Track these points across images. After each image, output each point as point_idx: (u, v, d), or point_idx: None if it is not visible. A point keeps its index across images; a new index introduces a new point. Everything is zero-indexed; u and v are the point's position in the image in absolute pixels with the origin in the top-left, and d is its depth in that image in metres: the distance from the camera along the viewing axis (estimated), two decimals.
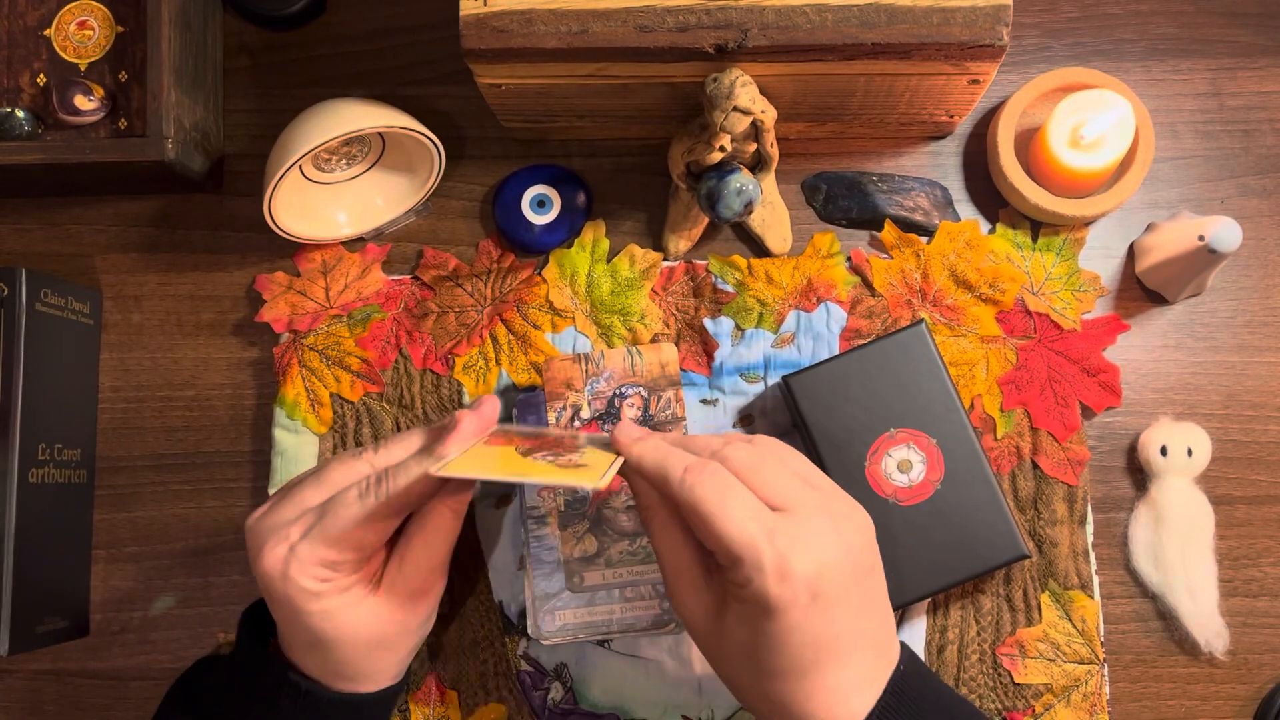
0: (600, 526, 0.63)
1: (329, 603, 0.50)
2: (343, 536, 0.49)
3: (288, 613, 0.50)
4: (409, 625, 0.53)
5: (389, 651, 0.53)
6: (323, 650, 0.51)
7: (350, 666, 0.52)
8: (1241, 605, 0.65)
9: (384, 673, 0.54)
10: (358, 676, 0.53)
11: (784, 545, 0.45)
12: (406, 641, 0.54)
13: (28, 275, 0.63)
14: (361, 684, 0.53)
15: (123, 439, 0.69)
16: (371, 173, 0.68)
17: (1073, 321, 0.66)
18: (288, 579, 0.49)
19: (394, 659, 0.54)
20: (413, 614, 0.53)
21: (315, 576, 0.49)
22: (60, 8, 0.67)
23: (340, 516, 0.49)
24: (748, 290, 0.67)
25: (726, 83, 0.56)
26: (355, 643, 0.51)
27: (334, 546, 0.49)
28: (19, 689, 0.67)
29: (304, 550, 0.49)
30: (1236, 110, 0.69)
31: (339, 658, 0.51)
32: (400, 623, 0.52)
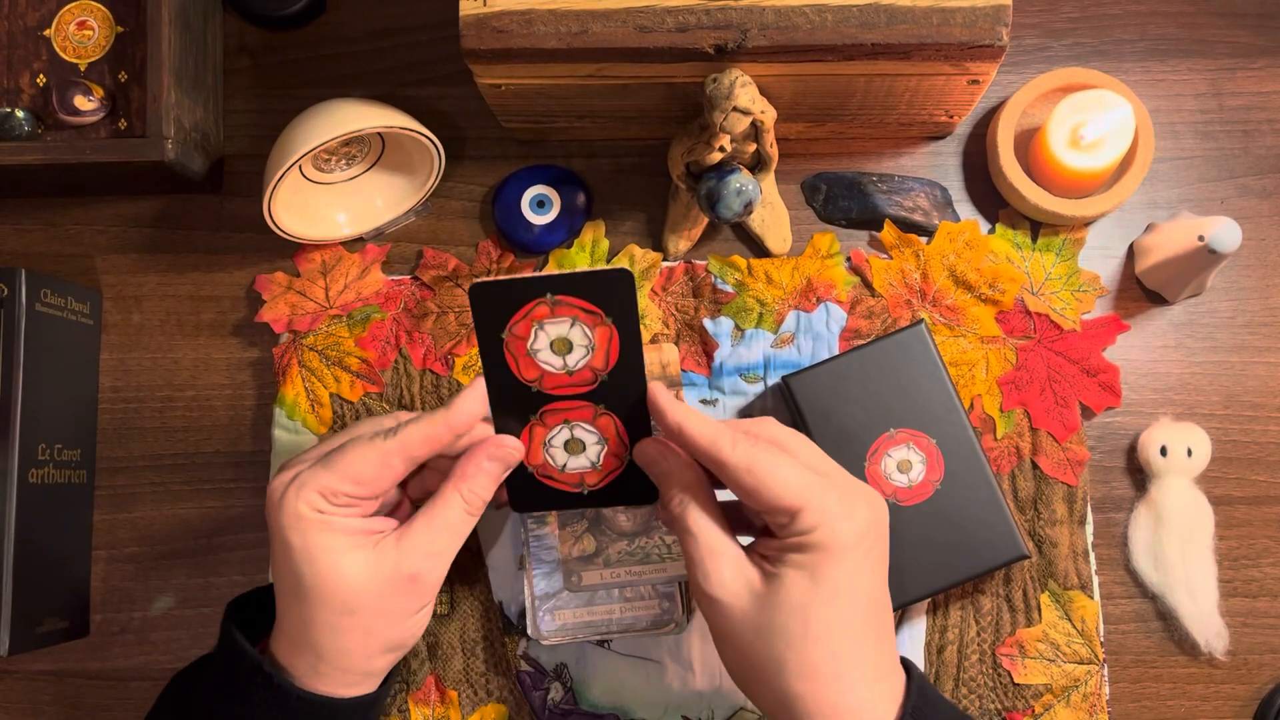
0: (599, 526, 0.63)
1: (313, 538, 0.48)
2: (345, 468, 0.49)
3: (279, 550, 0.49)
4: (388, 605, 0.50)
5: (360, 630, 0.50)
6: (300, 601, 0.49)
7: (318, 631, 0.49)
8: (1241, 605, 0.65)
9: (352, 661, 0.51)
10: (324, 654, 0.50)
11: (838, 492, 0.48)
12: (381, 627, 0.50)
13: (28, 275, 0.63)
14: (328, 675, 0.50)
15: (123, 439, 0.69)
16: (371, 173, 0.68)
17: (1072, 322, 0.66)
18: (284, 503, 0.49)
19: (364, 644, 0.50)
20: (395, 594, 0.50)
21: (310, 504, 0.48)
22: (60, 8, 0.67)
23: (349, 450, 0.49)
24: (747, 290, 0.67)
25: (726, 83, 0.56)
26: (330, 597, 0.49)
27: (334, 474, 0.49)
28: (19, 689, 0.67)
29: (306, 475, 0.49)
30: (1236, 110, 0.69)
31: (311, 615, 0.49)
32: (379, 595, 0.50)
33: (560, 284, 0.49)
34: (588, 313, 0.50)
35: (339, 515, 0.49)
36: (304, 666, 0.50)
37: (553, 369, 0.51)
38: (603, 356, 0.51)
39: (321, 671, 0.50)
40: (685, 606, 0.64)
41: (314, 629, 0.50)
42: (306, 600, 0.49)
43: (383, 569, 0.50)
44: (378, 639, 0.51)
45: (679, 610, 0.63)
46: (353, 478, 0.49)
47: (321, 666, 0.50)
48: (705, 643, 0.64)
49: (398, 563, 0.50)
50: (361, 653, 0.51)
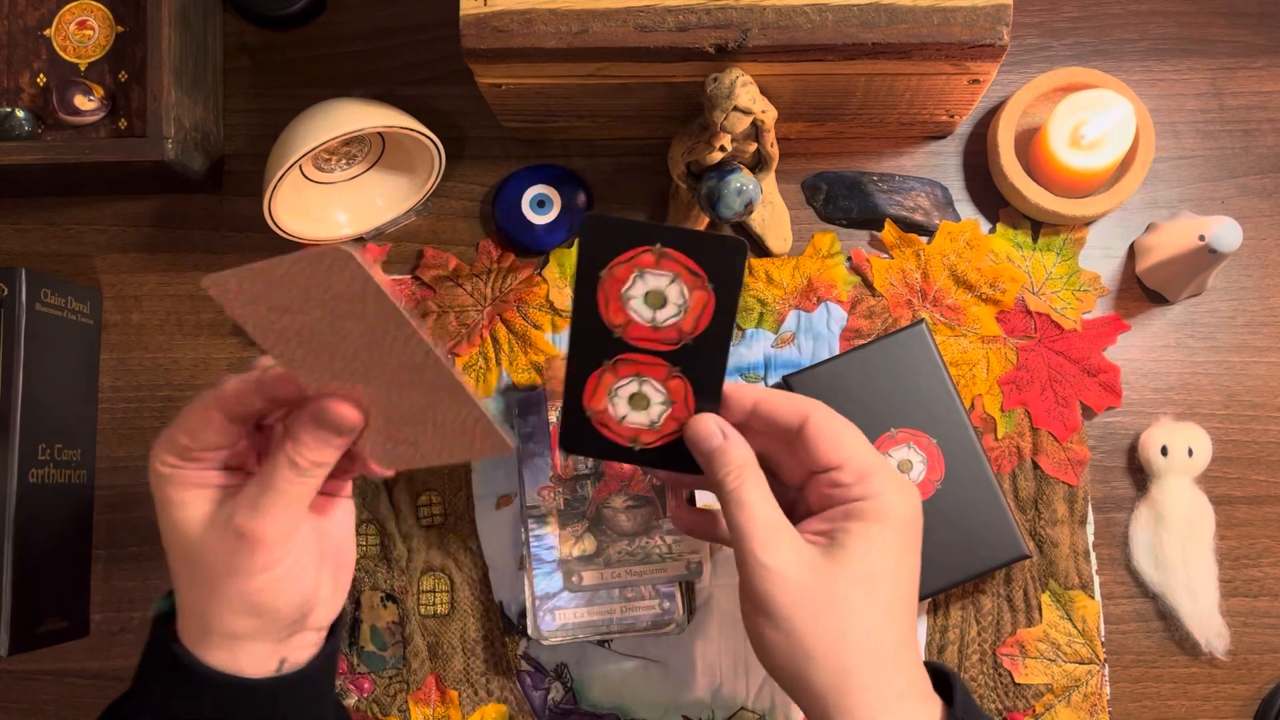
0: (599, 526, 0.63)
1: (167, 491, 0.50)
2: (180, 420, 0.49)
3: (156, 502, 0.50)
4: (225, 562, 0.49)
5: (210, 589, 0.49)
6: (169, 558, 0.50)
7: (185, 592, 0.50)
8: (1241, 605, 0.65)
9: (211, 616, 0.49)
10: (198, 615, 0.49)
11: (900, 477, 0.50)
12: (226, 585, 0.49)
13: (28, 275, 0.63)
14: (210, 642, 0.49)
15: (123, 439, 0.69)
16: (371, 173, 0.68)
17: (1073, 321, 0.66)
18: (151, 464, 0.50)
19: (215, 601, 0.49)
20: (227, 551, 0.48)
21: (161, 460, 0.49)
22: (60, 8, 0.67)
23: (185, 409, 0.50)
24: (748, 290, 0.67)
25: (726, 83, 0.56)
26: (180, 547, 0.49)
27: (174, 428, 0.49)
28: (19, 689, 0.67)
29: (164, 433, 0.50)
30: (1236, 110, 0.69)
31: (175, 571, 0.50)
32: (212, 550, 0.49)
33: (674, 237, 0.49)
34: (691, 273, 0.49)
35: (187, 469, 0.49)
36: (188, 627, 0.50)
37: (640, 319, 0.50)
38: (693, 320, 0.50)
39: (189, 629, 0.49)
40: (685, 606, 0.64)
41: (177, 582, 0.50)
42: (168, 553, 0.50)
43: (214, 522, 0.49)
44: (226, 595, 0.49)
45: (679, 610, 0.63)
46: (183, 429, 0.49)
47: (193, 624, 0.49)
48: (705, 642, 0.64)
49: (228, 517, 0.49)
50: (217, 608, 0.49)
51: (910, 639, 0.48)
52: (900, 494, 0.49)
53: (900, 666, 0.47)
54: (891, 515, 0.48)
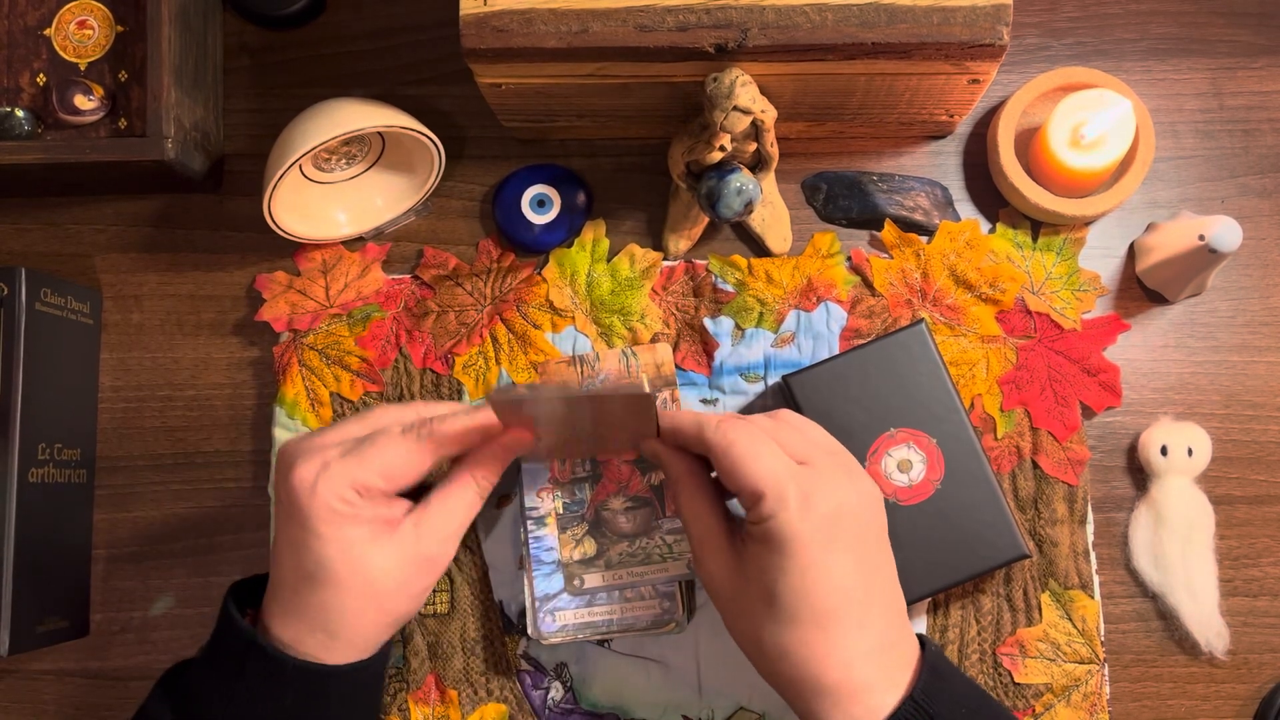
0: (599, 529, 0.63)
1: (345, 530, 0.50)
2: (380, 463, 0.50)
3: (299, 535, 0.50)
4: (406, 586, 0.52)
5: (377, 610, 0.52)
6: (318, 586, 0.50)
7: (336, 614, 0.51)
8: (1241, 605, 0.65)
9: (363, 637, 0.52)
10: (337, 632, 0.51)
11: (806, 485, 0.49)
12: (397, 606, 0.53)
13: (28, 275, 0.63)
14: (336, 648, 0.52)
15: (123, 439, 0.69)
16: (371, 172, 0.68)
17: (1073, 321, 0.66)
18: (315, 493, 0.50)
19: (378, 621, 0.52)
20: (413, 576, 0.52)
21: (341, 497, 0.50)
22: (60, 7, 0.67)
23: (381, 445, 0.51)
24: (748, 290, 0.67)
25: (726, 82, 0.56)
26: (354, 585, 0.50)
27: (368, 469, 0.50)
28: (19, 689, 0.67)
29: (338, 468, 0.50)
30: (1236, 110, 0.69)
31: (329, 600, 0.51)
32: (400, 579, 0.52)
33: None
34: None
35: (365, 508, 0.51)
36: (313, 644, 0.52)
37: None
38: None
39: (331, 647, 0.52)
40: (685, 606, 0.64)
41: (331, 613, 0.51)
42: (329, 586, 0.51)
43: (405, 554, 0.52)
44: (391, 615, 0.53)
45: (679, 610, 0.63)
46: (383, 473, 0.50)
47: (332, 644, 0.52)
48: (705, 642, 0.64)
49: (417, 546, 0.52)
50: (375, 629, 0.53)
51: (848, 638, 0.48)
52: (804, 508, 0.48)
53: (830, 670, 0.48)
54: (782, 537, 0.48)
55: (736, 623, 0.51)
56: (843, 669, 0.48)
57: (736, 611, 0.51)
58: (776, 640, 0.49)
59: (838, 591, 0.48)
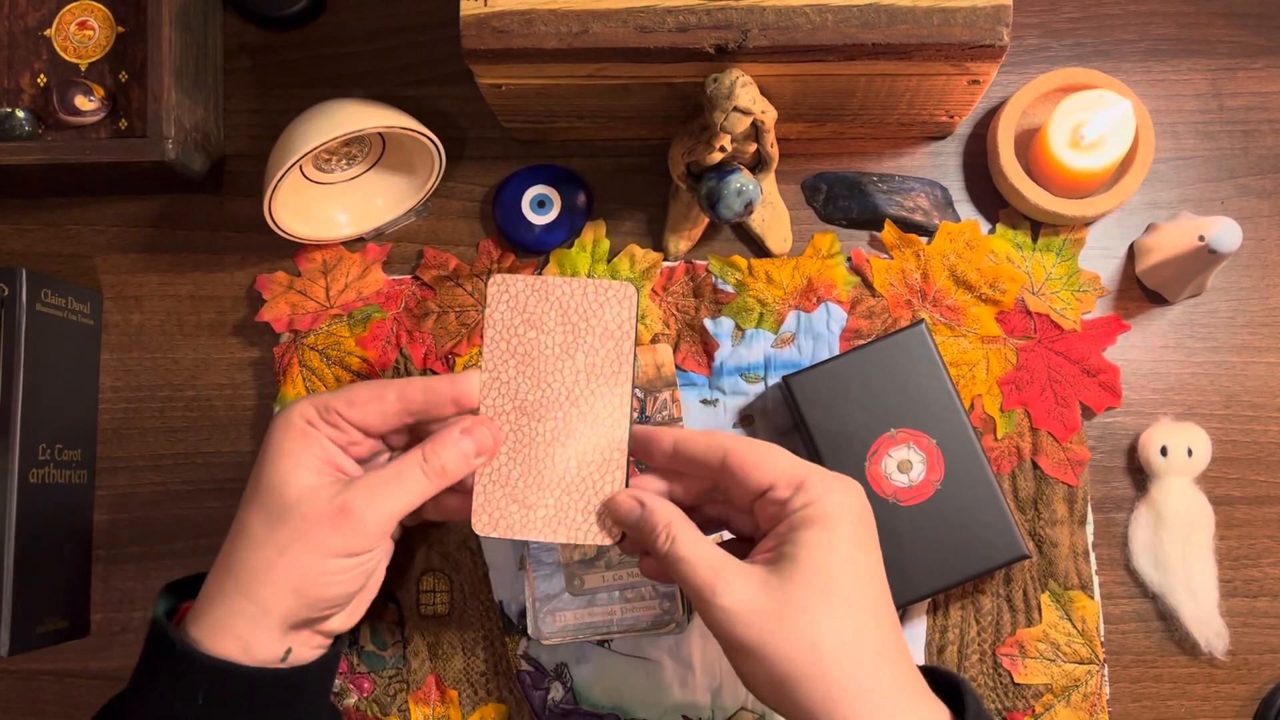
0: None
1: (291, 442, 0.51)
2: (346, 390, 0.52)
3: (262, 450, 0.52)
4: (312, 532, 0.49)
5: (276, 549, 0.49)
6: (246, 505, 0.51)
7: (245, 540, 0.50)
8: (1241, 605, 0.65)
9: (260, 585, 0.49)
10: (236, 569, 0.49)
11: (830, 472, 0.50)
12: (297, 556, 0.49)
13: (28, 275, 0.63)
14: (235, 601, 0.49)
15: (123, 439, 0.69)
16: (371, 173, 0.68)
17: (1073, 321, 0.66)
18: (284, 413, 0.52)
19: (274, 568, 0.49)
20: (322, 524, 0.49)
21: (303, 414, 0.51)
22: (60, 8, 0.67)
23: (354, 384, 0.53)
24: (748, 290, 0.67)
25: (726, 83, 0.56)
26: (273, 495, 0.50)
27: (335, 397, 0.52)
28: (19, 689, 0.67)
29: (311, 395, 0.53)
30: (1236, 110, 0.69)
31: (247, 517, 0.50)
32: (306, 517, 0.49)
33: None
34: None
35: (324, 431, 0.51)
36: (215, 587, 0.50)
37: None
38: None
39: (226, 591, 0.50)
40: (685, 606, 0.64)
41: (240, 536, 0.51)
42: (250, 500, 0.51)
43: (324, 493, 0.50)
44: (288, 562, 0.49)
45: (679, 610, 0.63)
46: (348, 398, 0.51)
47: (228, 583, 0.50)
48: (705, 643, 0.64)
49: (339, 493, 0.50)
50: (268, 571, 0.49)
51: (891, 637, 0.47)
52: (841, 492, 0.49)
53: (886, 666, 0.46)
54: (835, 515, 0.48)
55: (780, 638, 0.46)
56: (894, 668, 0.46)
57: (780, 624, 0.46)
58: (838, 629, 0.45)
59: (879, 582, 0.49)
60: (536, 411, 0.53)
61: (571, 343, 0.52)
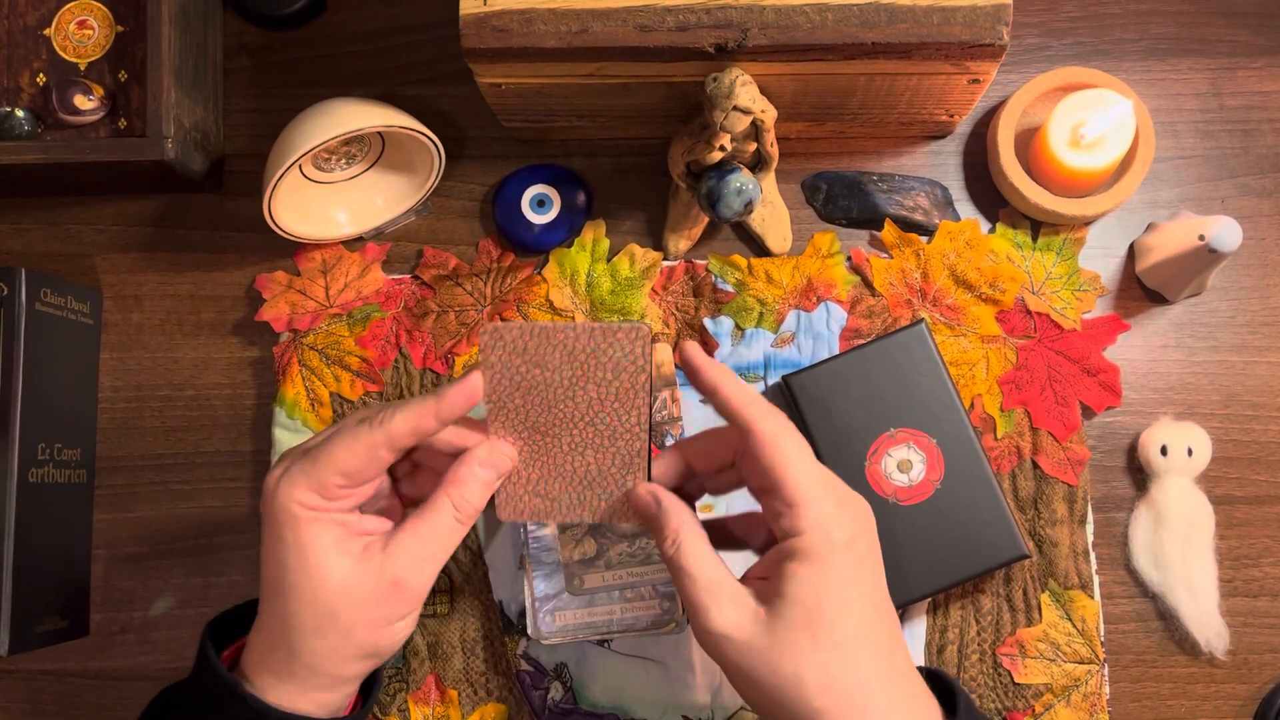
0: (599, 529, 0.63)
1: (307, 532, 0.48)
2: (333, 460, 0.48)
3: (268, 543, 0.49)
4: (369, 611, 0.49)
5: (339, 634, 0.49)
6: (280, 597, 0.49)
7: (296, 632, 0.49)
8: (1241, 605, 0.65)
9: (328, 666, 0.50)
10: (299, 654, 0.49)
11: (836, 497, 0.48)
12: (359, 632, 0.50)
13: (28, 275, 0.63)
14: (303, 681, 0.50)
15: (123, 439, 0.69)
16: (371, 172, 0.68)
17: (1073, 321, 0.66)
18: (276, 498, 0.49)
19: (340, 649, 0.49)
20: (376, 599, 0.49)
21: (301, 500, 0.48)
22: (60, 7, 0.67)
23: (335, 441, 0.49)
24: (748, 290, 0.67)
25: (726, 82, 0.56)
26: (313, 596, 0.48)
27: (323, 467, 0.48)
28: (19, 689, 0.67)
29: (295, 469, 0.49)
30: (1236, 110, 0.69)
31: (290, 612, 0.49)
32: (361, 600, 0.49)
33: None
34: None
35: (330, 509, 0.49)
36: (277, 666, 0.50)
37: None
38: None
39: (294, 673, 0.49)
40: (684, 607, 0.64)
41: (292, 628, 0.49)
42: (289, 596, 0.49)
43: (368, 573, 0.49)
44: (354, 643, 0.50)
45: (679, 610, 0.63)
46: (340, 469, 0.48)
47: (295, 666, 0.49)
48: None
49: (382, 567, 0.49)
50: (336, 655, 0.50)
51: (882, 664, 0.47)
52: (835, 523, 0.47)
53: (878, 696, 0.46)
54: (825, 549, 0.46)
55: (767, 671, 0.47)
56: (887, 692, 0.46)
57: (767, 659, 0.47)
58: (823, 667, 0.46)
59: (873, 608, 0.47)
60: (551, 430, 0.52)
61: (581, 376, 0.51)
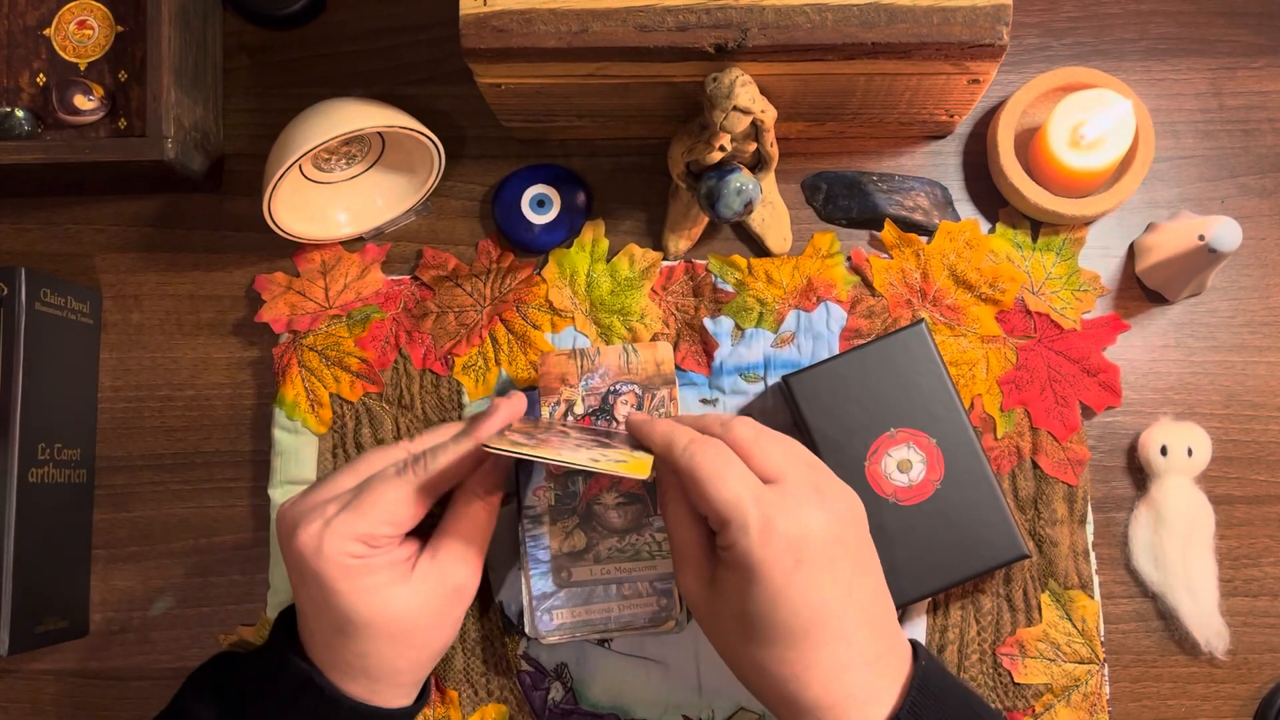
0: (590, 523, 0.63)
1: (362, 582, 0.49)
2: (380, 511, 0.50)
3: (318, 594, 0.50)
4: (439, 621, 0.53)
5: (414, 649, 0.52)
6: (349, 637, 0.50)
7: (374, 660, 0.51)
8: (1241, 605, 0.65)
9: (405, 676, 0.53)
10: (379, 676, 0.52)
11: (769, 509, 0.47)
12: (433, 641, 0.53)
13: (28, 275, 0.63)
14: (380, 690, 0.52)
15: (123, 439, 0.69)
16: (371, 172, 0.68)
17: (1073, 321, 0.66)
18: (321, 554, 0.49)
19: (417, 660, 0.53)
20: (444, 609, 0.53)
21: (349, 552, 0.49)
22: (60, 7, 0.67)
23: (377, 491, 0.50)
24: (748, 290, 0.67)
25: (726, 82, 0.56)
26: (385, 630, 0.50)
27: (370, 520, 0.49)
28: (19, 689, 0.67)
29: (339, 524, 0.49)
30: (1236, 110, 0.69)
31: (365, 649, 0.51)
32: (431, 615, 0.52)
33: None
34: None
35: (376, 556, 0.51)
36: (357, 690, 0.52)
37: None
38: None
39: (375, 690, 0.52)
40: (683, 604, 0.63)
41: (369, 659, 0.51)
42: (359, 636, 0.50)
43: (430, 591, 0.52)
44: (429, 650, 0.53)
45: (677, 608, 0.63)
46: (387, 520, 0.50)
47: (376, 686, 0.52)
48: (705, 642, 0.64)
49: (441, 580, 0.52)
50: (415, 668, 0.53)
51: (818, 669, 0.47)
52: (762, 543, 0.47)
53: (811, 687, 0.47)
54: (745, 564, 0.47)
55: (715, 638, 0.51)
56: (821, 686, 0.47)
57: (713, 628, 0.50)
58: (753, 658, 0.48)
59: (808, 610, 0.47)
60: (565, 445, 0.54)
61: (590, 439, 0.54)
